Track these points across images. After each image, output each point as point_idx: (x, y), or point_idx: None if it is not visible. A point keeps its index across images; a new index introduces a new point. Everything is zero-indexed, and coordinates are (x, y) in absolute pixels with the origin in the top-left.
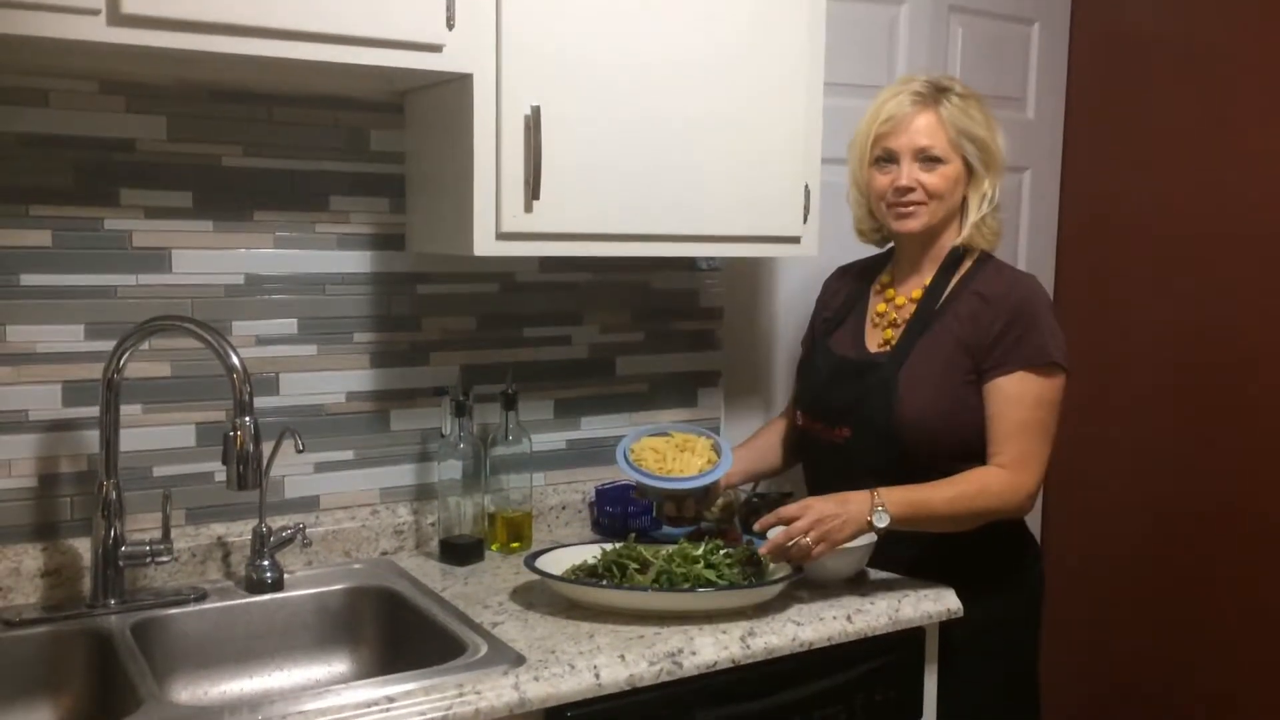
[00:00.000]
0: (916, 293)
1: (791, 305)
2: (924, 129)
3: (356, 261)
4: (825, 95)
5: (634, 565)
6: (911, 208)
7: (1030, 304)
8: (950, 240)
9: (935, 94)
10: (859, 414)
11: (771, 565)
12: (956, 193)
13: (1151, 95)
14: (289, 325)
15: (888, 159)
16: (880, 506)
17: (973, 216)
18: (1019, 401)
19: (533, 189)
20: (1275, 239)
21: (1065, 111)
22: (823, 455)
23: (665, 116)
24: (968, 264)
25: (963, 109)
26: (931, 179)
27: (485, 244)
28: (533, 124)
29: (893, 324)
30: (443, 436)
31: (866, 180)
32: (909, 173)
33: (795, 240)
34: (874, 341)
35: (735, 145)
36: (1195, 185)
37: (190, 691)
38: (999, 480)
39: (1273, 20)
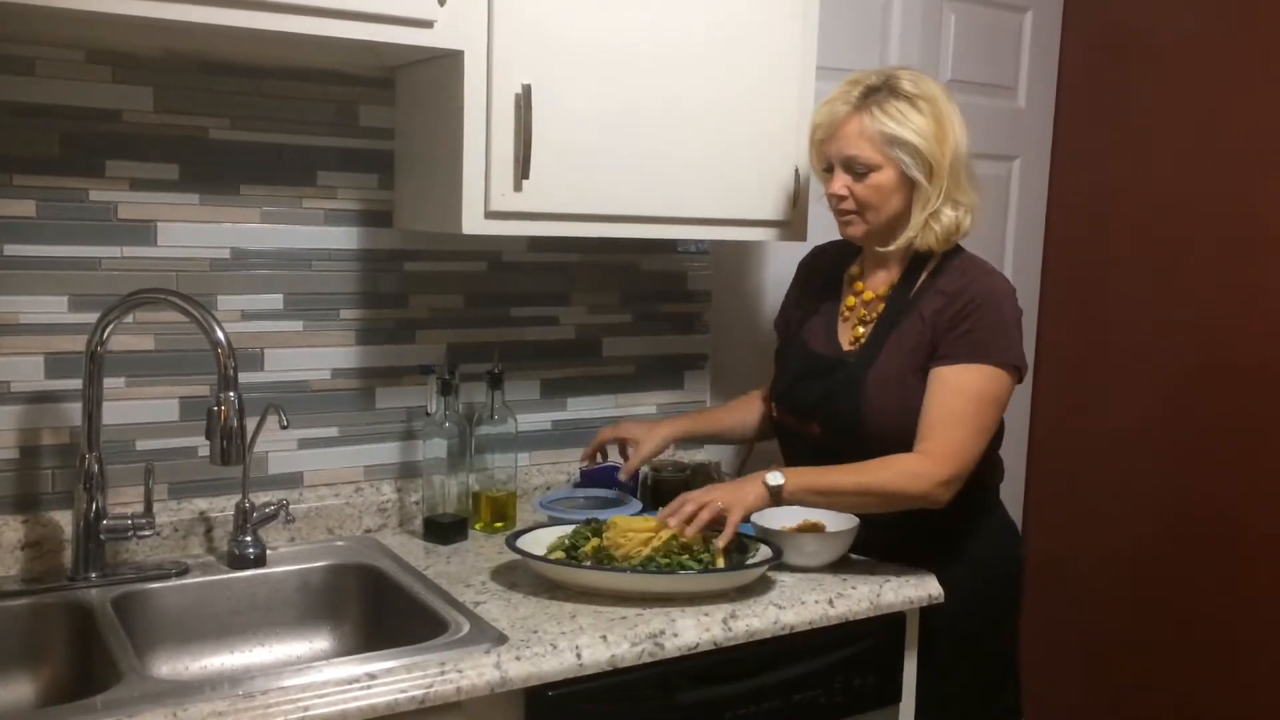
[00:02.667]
0: (884, 289)
1: (779, 289)
2: (850, 137)
3: (344, 237)
4: (817, 79)
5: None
6: (848, 216)
7: (986, 300)
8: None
9: (868, 97)
10: (828, 411)
11: (753, 549)
12: (893, 200)
13: (1143, 86)
14: (275, 300)
15: (827, 166)
16: (779, 479)
17: (914, 220)
18: (955, 392)
19: (522, 168)
20: (1265, 233)
21: (1056, 100)
22: (797, 447)
23: (656, 98)
24: (936, 259)
25: (899, 112)
26: (860, 188)
27: (474, 222)
28: (523, 102)
29: (863, 320)
30: (428, 415)
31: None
32: (840, 181)
33: (785, 225)
34: (846, 338)
35: (726, 129)
36: (1185, 177)
37: (171, 666)
38: (913, 465)
39: (1264, 11)
